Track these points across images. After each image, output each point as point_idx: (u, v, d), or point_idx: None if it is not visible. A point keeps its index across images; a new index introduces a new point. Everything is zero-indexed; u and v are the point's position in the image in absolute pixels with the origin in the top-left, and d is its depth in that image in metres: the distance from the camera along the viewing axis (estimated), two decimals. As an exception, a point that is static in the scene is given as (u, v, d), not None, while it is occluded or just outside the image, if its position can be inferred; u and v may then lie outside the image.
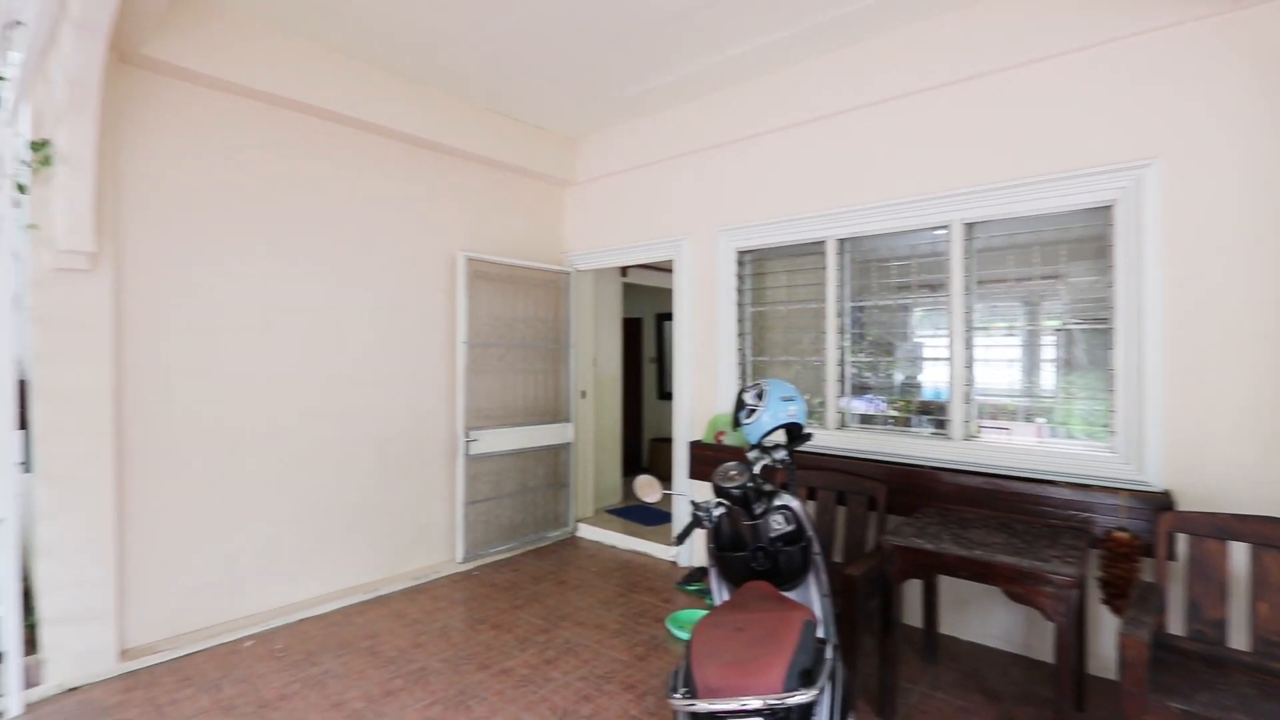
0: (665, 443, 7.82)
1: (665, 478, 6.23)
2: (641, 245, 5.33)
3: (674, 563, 5.09)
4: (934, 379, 4.04)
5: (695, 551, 4.94)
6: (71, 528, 3.26)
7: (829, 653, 2.14)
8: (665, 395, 8.66)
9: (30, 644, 3.20)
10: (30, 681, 3.13)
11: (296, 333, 4.12)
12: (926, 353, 4.09)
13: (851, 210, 4.08)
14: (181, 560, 3.67)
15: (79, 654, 3.28)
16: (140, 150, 3.46)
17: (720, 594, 2.54)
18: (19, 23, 2.63)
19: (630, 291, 7.36)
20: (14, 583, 3.10)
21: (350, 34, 3.86)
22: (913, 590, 3.78)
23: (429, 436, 4.85)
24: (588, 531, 5.80)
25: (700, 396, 4.94)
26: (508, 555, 5.26)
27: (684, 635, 3.74)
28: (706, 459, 4.52)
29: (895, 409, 4.16)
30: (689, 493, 4.72)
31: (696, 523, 2.34)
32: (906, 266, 4.06)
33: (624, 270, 6.83)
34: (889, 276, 4.16)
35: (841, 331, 4.24)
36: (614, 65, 4.29)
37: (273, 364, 4.01)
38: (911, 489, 3.60)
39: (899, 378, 4.18)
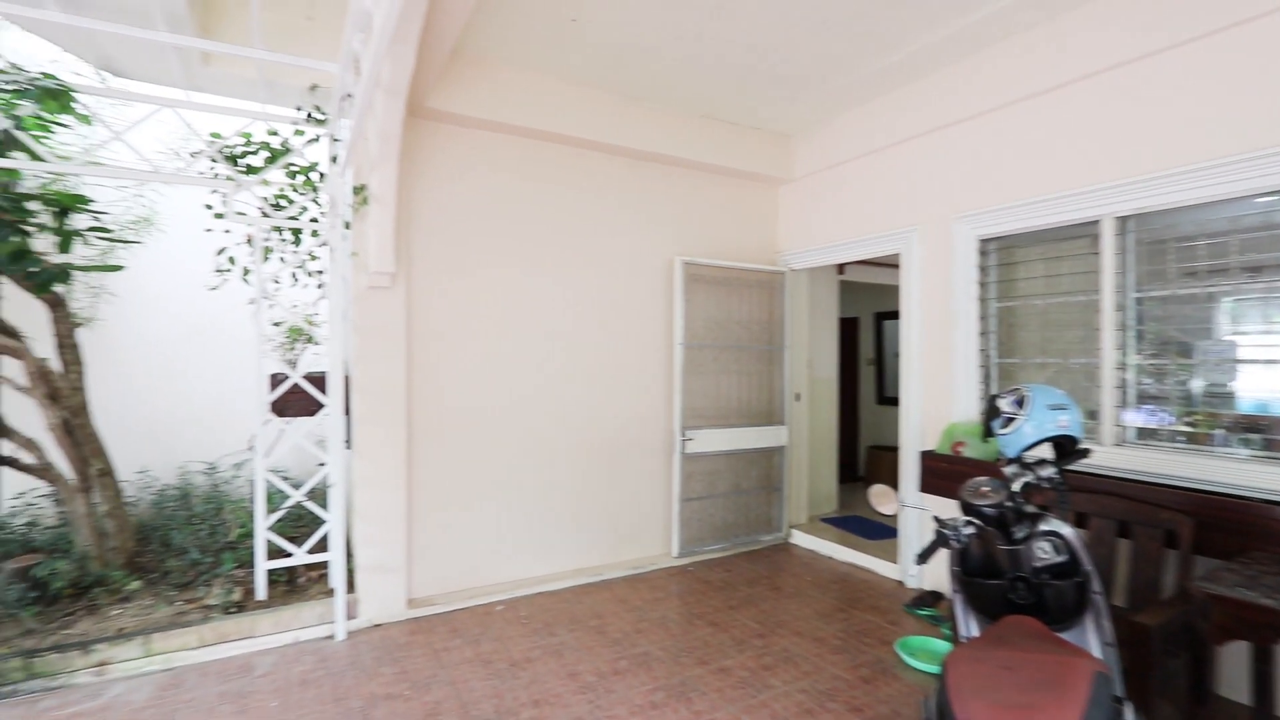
0: (886, 451, 7.25)
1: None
2: (862, 240, 5.01)
3: (900, 582, 4.68)
4: (1259, 387, 3.15)
5: (925, 573, 4.48)
6: (378, 495, 4.05)
7: (1129, 716, 1.77)
8: (886, 400, 8.03)
9: (350, 586, 4.04)
10: (350, 614, 3.95)
11: (534, 336, 4.63)
12: (1245, 354, 3.20)
13: (1137, 181, 3.36)
14: (449, 529, 4.35)
15: (381, 598, 4.06)
16: (420, 186, 4.19)
17: (967, 625, 2.25)
18: (349, 95, 3.36)
19: (847, 290, 6.97)
20: (342, 536, 3.95)
21: (582, 63, 4.23)
22: (1234, 655, 2.98)
23: (648, 433, 5.11)
24: (801, 539, 5.62)
25: (931, 402, 4.47)
26: (720, 555, 5.31)
27: (918, 663, 3.41)
28: (941, 472, 4.07)
29: (1189, 423, 3.32)
30: (931, 508, 4.30)
31: (942, 542, 2.10)
32: (1221, 245, 3.22)
33: (841, 268, 6.48)
34: (1190, 260, 3.34)
35: (1122, 329, 3.51)
36: (836, 52, 4.09)
37: (516, 364, 4.57)
38: (1228, 525, 2.85)
39: (1196, 385, 3.33)
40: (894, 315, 7.64)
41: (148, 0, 2.93)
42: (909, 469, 4.57)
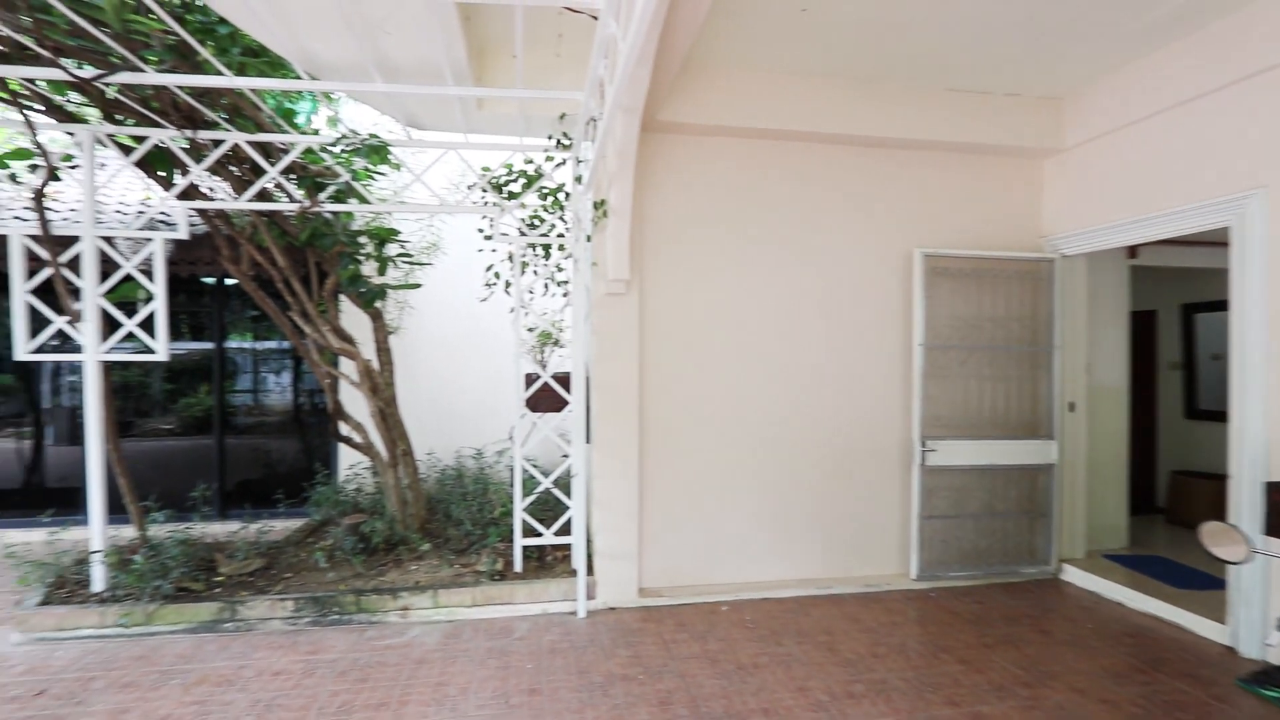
0: (1200, 479, 5.74)
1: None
2: (1166, 215, 4.03)
3: (1231, 649, 3.66)
4: None
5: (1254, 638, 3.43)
6: (613, 486, 4.35)
7: None
8: (1198, 414, 6.37)
9: (589, 568, 4.39)
10: (589, 595, 4.29)
11: (758, 336, 4.57)
12: None
13: None
14: (676, 524, 4.49)
15: (616, 583, 4.34)
16: (651, 197, 4.39)
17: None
18: (593, 119, 3.67)
19: (1141, 277, 5.69)
20: (583, 522, 4.31)
21: (811, 53, 4.07)
22: None
23: (882, 442, 4.72)
24: (1077, 576, 4.70)
25: (1283, 419, 3.42)
26: (970, 583, 4.69)
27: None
28: (1301, 511, 3.07)
29: None
30: None
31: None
32: None
33: (1132, 250, 5.30)
34: None
35: None
36: (1130, -13, 3.35)
37: (740, 364, 4.55)
38: None
39: None
40: (1213, 306, 6.06)
41: (440, 62, 3.53)
42: (1244, 504, 3.55)
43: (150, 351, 4.19)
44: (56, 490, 6.25)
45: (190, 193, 4.30)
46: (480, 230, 4.52)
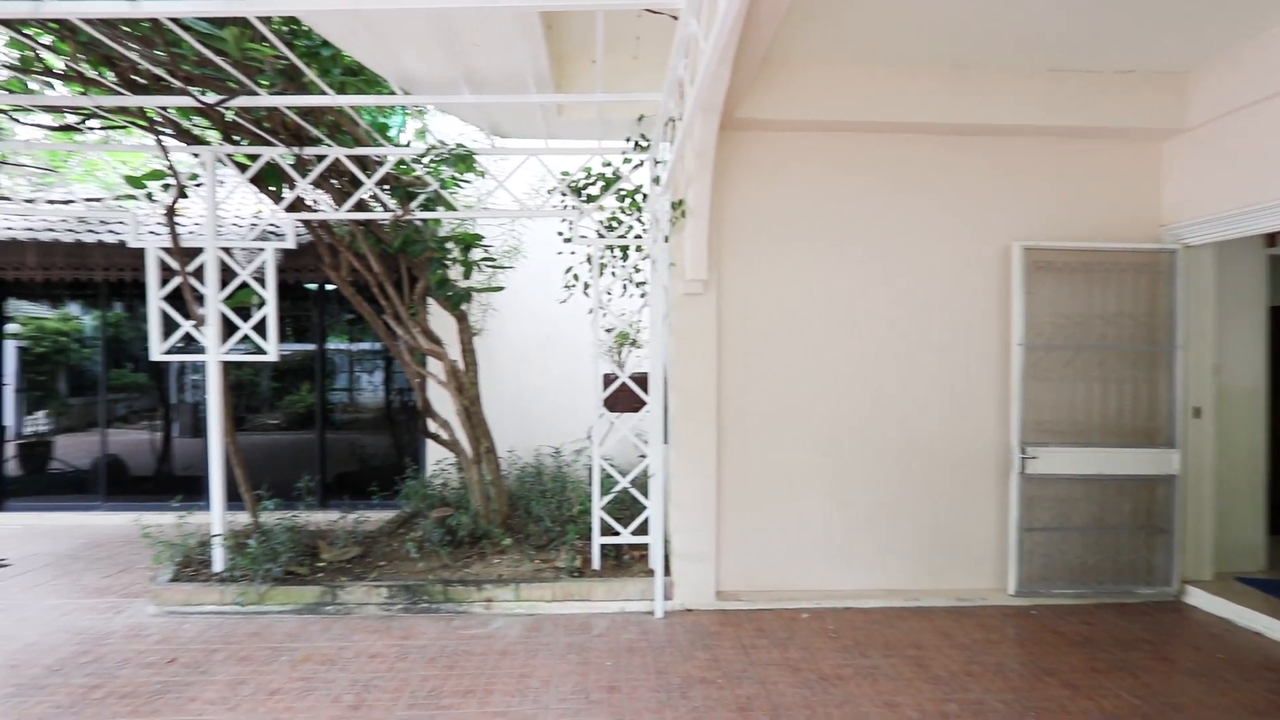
0: (1356, 496, 5.07)
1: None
2: (1318, 196, 3.58)
3: (1399, 691, 3.20)
4: None
5: None
6: (690, 487, 4.33)
7: None
8: (1352, 422, 5.61)
9: (666, 569, 4.39)
10: (666, 596, 4.29)
11: (839, 335, 4.41)
12: None
13: None
14: (755, 527, 4.41)
15: (693, 585, 4.31)
16: (729, 196, 4.34)
17: None
18: (672, 119, 3.67)
19: (1280, 268, 5.10)
20: (660, 523, 4.32)
21: (899, 40, 3.89)
22: None
23: (975, 448, 4.46)
24: (1204, 600, 4.26)
25: None
26: (1077, 602, 4.34)
27: None
28: None
29: None
30: None
31: None
32: None
33: (1271, 238, 4.75)
34: None
35: None
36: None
37: (820, 364, 4.41)
38: None
39: None
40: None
41: (524, 71, 3.63)
42: None
43: (262, 352, 4.54)
44: (182, 478, 6.91)
45: (296, 205, 4.64)
46: (559, 233, 4.62)
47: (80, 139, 5.08)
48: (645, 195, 4.36)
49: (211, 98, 3.71)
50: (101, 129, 4.87)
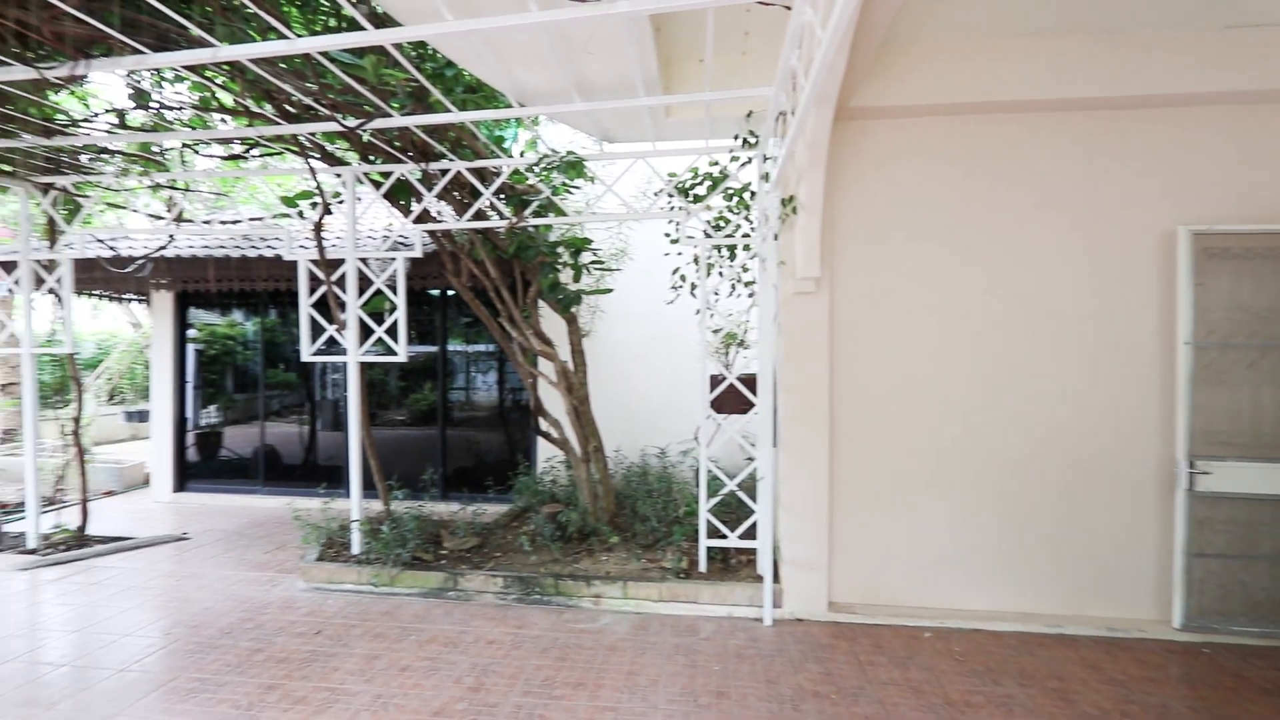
0: None
1: None
2: None
3: None
4: None
5: None
6: (801, 492, 4.18)
7: None
8: None
9: (775, 576, 4.27)
10: (775, 603, 4.17)
11: (967, 338, 4.09)
12: None
13: None
14: (871, 536, 4.19)
15: (804, 593, 4.17)
16: (842, 189, 4.15)
17: None
18: (783, 113, 3.58)
19: None
20: (769, 528, 4.21)
21: (1038, 7, 3.55)
22: None
23: (1129, 459, 3.97)
24: None
25: None
26: (1263, 642, 3.75)
27: None
28: None
29: None
30: None
31: None
32: None
33: None
34: None
35: None
36: None
37: (946, 368, 4.11)
38: None
39: None
40: None
41: (633, 75, 3.69)
42: None
43: (393, 354, 4.92)
44: (325, 467, 7.64)
45: (423, 217, 4.99)
46: (666, 234, 4.64)
47: (245, 166, 5.77)
48: (753, 193, 4.28)
49: (352, 122, 4.07)
50: (261, 156, 5.50)
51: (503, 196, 4.93)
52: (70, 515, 6.07)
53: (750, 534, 4.43)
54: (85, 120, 4.70)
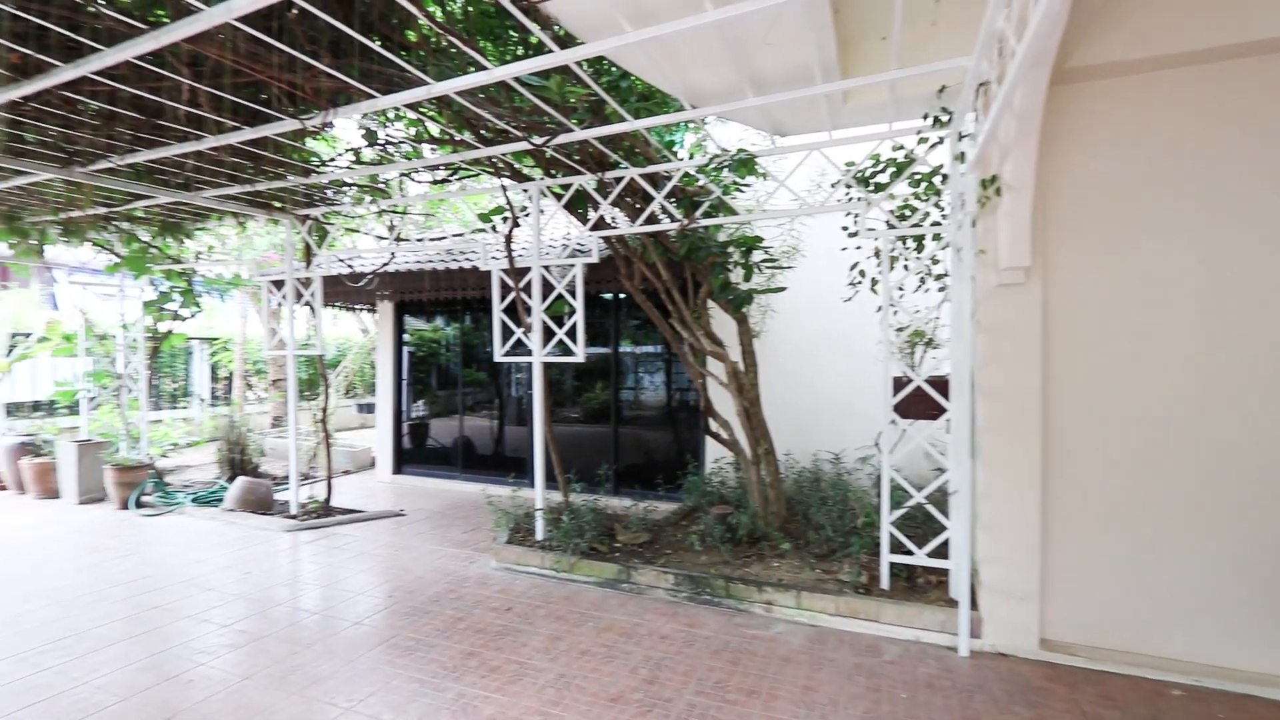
0: None
1: None
2: None
3: None
4: None
5: None
6: (1005, 510, 3.70)
7: None
8: None
9: (973, 602, 3.82)
10: (974, 633, 3.73)
11: (1224, 335, 3.30)
12: None
13: None
14: (1097, 568, 3.57)
15: (1006, 624, 3.68)
16: (1058, 165, 3.59)
17: None
18: (984, 83, 3.19)
19: None
20: (965, 547, 3.78)
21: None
22: None
23: None
24: None
25: None
26: None
27: None
28: None
29: None
30: None
31: None
32: None
33: None
34: None
35: None
36: None
37: (1196, 370, 3.36)
38: None
39: None
40: None
41: (810, 63, 3.53)
42: None
43: (572, 354, 5.23)
44: (511, 459, 8.36)
45: (599, 224, 5.24)
46: (844, 228, 4.38)
47: (448, 188, 6.51)
48: (945, 176, 3.88)
49: (538, 140, 4.39)
50: (461, 179, 6.17)
51: (673, 199, 5.01)
52: (319, 489, 7.30)
53: (940, 552, 4.02)
54: (330, 160, 5.63)
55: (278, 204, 6.42)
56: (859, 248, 4.34)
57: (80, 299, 8.93)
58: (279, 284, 6.84)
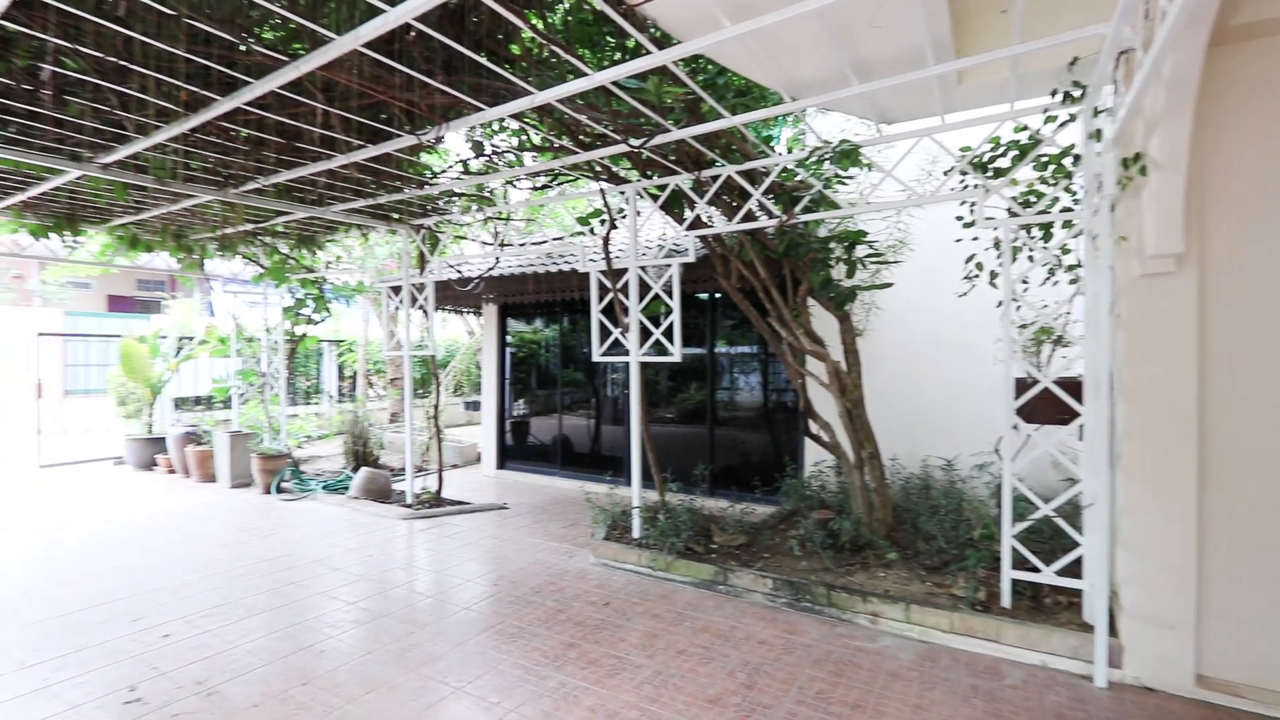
0: None
1: None
2: None
3: None
4: None
5: None
6: (1152, 527, 3.31)
7: None
8: None
9: (1111, 628, 3.44)
10: (1113, 663, 3.36)
11: None
12: None
13: None
14: (1269, 599, 3.11)
15: (1153, 655, 3.29)
16: (1218, 139, 3.15)
17: None
18: (1125, 53, 2.87)
19: None
20: (1103, 567, 3.42)
21: None
22: None
23: None
24: None
25: None
26: None
27: None
28: None
29: None
30: None
31: None
32: None
33: None
34: None
35: None
36: None
37: None
38: None
39: None
40: None
41: (921, 43, 3.32)
42: None
43: (669, 354, 5.24)
44: (607, 457, 8.52)
45: (695, 223, 5.22)
46: (958, 218, 4.10)
47: (548, 194, 6.73)
48: (1078, 157, 3.52)
49: (636, 141, 4.44)
50: (559, 184, 6.36)
51: (771, 196, 4.90)
52: (431, 481, 7.78)
53: (1072, 571, 3.65)
54: (441, 172, 5.99)
55: (395, 215, 6.92)
56: (975, 239, 4.04)
57: (232, 306, 10.04)
58: (396, 290, 7.37)
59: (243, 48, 3.35)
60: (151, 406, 10.43)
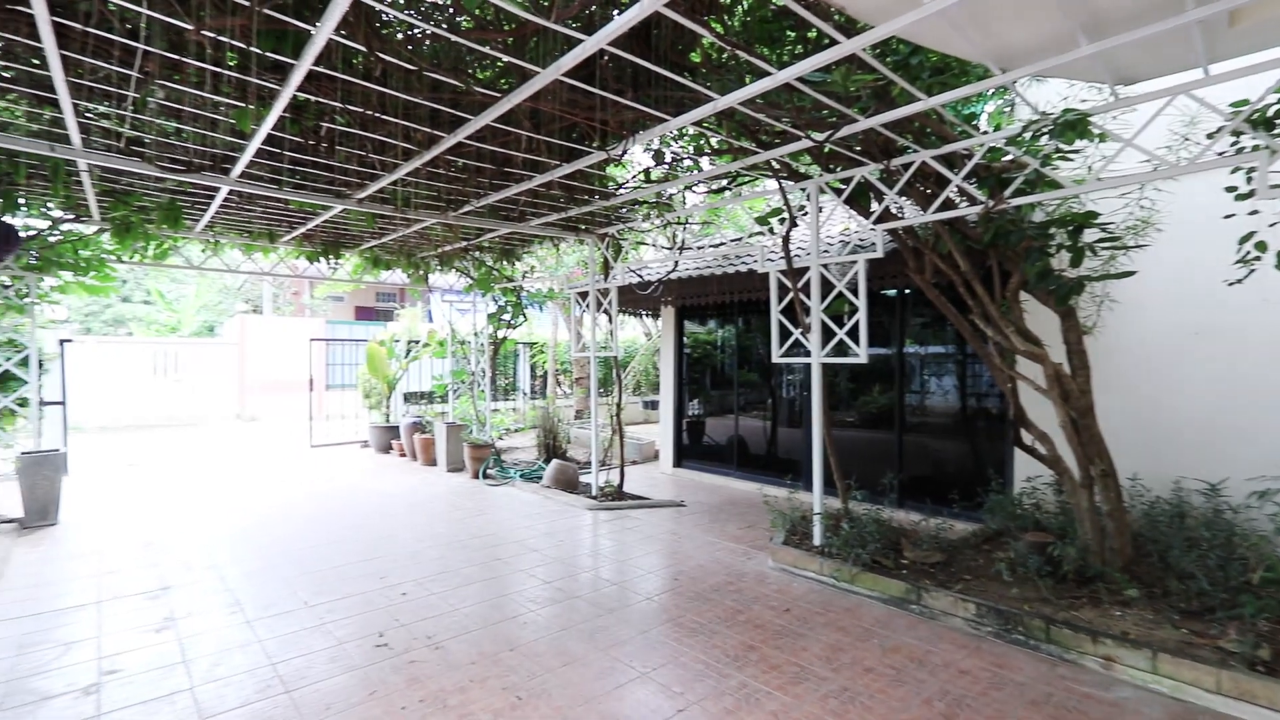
0: None
1: None
2: None
3: None
4: None
5: None
6: None
7: None
8: None
9: None
10: None
11: None
12: None
13: None
14: None
15: None
16: None
17: None
18: None
19: None
20: None
21: None
22: None
23: None
24: None
25: None
26: None
27: None
28: None
29: None
30: None
31: None
32: None
33: None
34: None
35: None
36: None
37: None
38: None
39: None
40: None
41: (1174, -15, 2.79)
42: None
43: (854, 355, 4.99)
44: (783, 460, 8.32)
45: (884, 216, 4.90)
46: (1229, 189, 3.36)
47: (724, 195, 6.77)
48: None
49: (819, 135, 4.30)
50: (736, 184, 6.36)
51: (974, 180, 4.43)
52: (613, 475, 8.23)
53: None
54: (624, 183, 6.31)
55: (583, 226, 7.44)
56: (1254, 212, 3.28)
57: (447, 313, 11.55)
58: (583, 295, 7.92)
59: (463, 88, 3.84)
60: (388, 399, 12.39)
